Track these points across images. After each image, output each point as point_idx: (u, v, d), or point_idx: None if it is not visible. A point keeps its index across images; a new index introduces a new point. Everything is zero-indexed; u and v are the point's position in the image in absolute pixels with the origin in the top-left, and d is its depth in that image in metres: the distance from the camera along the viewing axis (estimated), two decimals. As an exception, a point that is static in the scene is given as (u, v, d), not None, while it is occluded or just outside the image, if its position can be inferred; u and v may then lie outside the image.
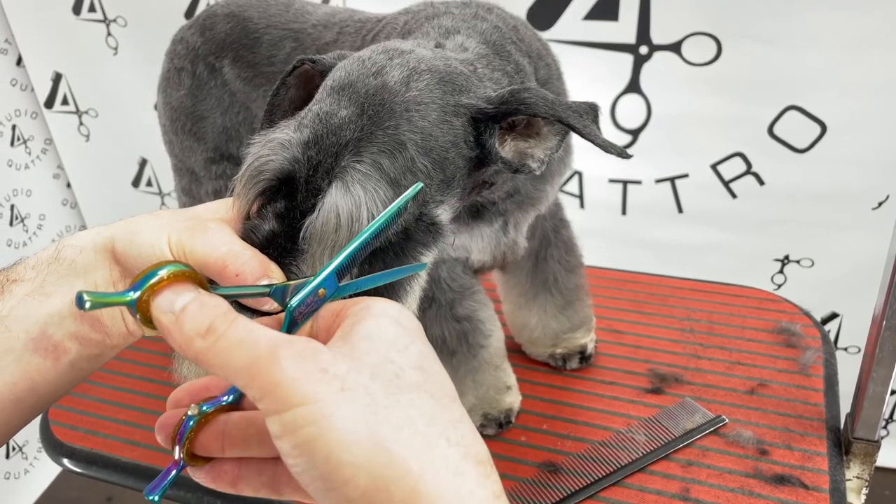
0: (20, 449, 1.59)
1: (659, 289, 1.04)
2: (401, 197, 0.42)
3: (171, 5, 1.39)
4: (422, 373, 0.34)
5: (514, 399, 0.85)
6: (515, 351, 0.93)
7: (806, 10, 1.14)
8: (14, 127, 1.57)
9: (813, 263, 1.37)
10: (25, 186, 1.61)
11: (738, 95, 1.24)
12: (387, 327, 0.34)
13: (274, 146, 0.47)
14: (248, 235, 0.44)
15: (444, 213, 0.52)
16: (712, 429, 0.80)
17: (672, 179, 1.37)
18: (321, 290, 0.38)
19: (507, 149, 0.54)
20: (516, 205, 0.72)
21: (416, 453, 0.31)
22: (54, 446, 0.89)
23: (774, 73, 1.21)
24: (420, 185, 0.44)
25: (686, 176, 1.35)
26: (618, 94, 1.31)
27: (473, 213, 0.71)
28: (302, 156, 0.46)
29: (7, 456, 1.57)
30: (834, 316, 1.43)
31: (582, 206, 1.44)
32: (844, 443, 0.77)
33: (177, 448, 0.38)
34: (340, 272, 0.39)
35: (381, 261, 0.47)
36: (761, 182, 1.32)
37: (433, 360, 0.35)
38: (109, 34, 1.48)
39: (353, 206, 0.44)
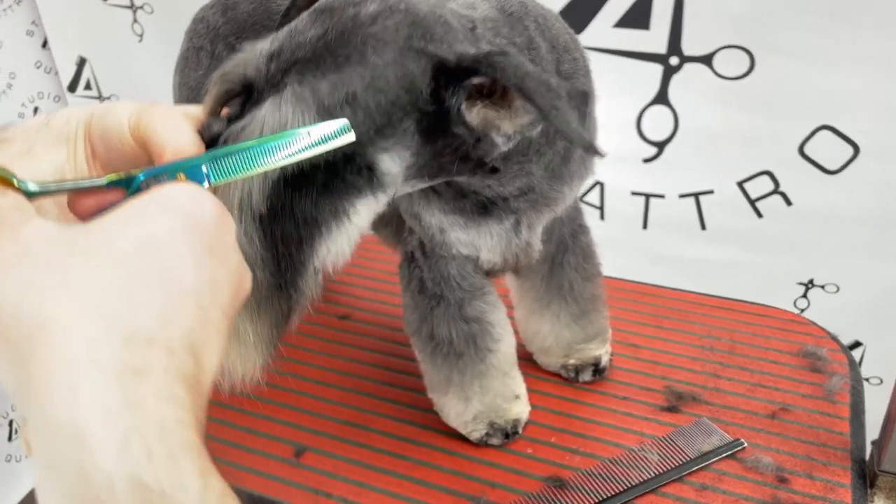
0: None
1: (679, 304, 1.00)
2: (313, 125, 0.43)
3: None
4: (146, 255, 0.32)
5: (522, 409, 0.82)
6: (526, 359, 0.90)
7: (843, 29, 1.10)
8: (36, 109, 1.57)
9: (838, 289, 1.33)
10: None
11: (770, 112, 1.21)
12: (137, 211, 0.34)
13: (248, 54, 0.48)
14: (200, 132, 0.45)
15: (386, 162, 0.50)
16: (730, 452, 0.76)
17: (696, 195, 1.33)
18: (180, 175, 0.38)
19: (473, 113, 0.51)
20: (530, 204, 0.68)
21: (43, 316, 0.29)
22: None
23: (808, 91, 1.17)
24: (344, 122, 0.43)
25: (711, 192, 1.32)
26: (645, 104, 1.28)
27: (481, 209, 0.68)
28: (263, 66, 0.47)
29: (10, 438, 1.56)
30: (857, 344, 1.38)
31: (602, 217, 1.40)
32: (869, 475, 0.74)
33: None
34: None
35: (304, 192, 0.47)
36: (789, 202, 1.28)
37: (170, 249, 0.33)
38: (136, 21, 1.48)
39: (277, 124, 0.44)
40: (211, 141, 0.45)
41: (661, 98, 1.26)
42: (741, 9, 1.13)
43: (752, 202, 1.30)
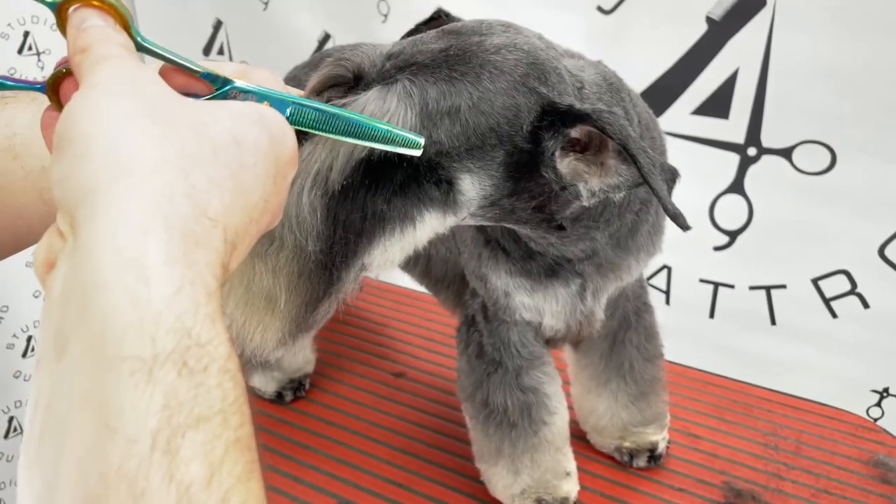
0: (21, 431, 1.61)
1: (744, 397, 0.97)
2: (403, 130, 0.44)
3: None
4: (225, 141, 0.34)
5: (572, 487, 0.79)
6: (579, 438, 0.88)
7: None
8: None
9: (917, 401, 1.25)
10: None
11: (849, 210, 1.18)
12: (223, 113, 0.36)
13: (368, 49, 0.51)
14: None
15: (467, 183, 0.51)
16: (789, 559, 0.72)
17: (768, 288, 1.30)
18: (266, 102, 0.41)
19: (565, 162, 0.52)
20: (595, 268, 0.68)
21: (131, 159, 0.30)
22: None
23: (891, 191, 1.14)
24: (422, 140, 0.44)
25: (783, 287, 1.28)
26: (719, 192, 1.27)
27: (549, 272, 0.68)
28: (379, 62, 0.50)
29: (5, 436, 1.58)
30: (936, 464, 1.29)
31: (668, 302, 1.38)
32: None
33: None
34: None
35: (381, 186, 0.48)
36: (866, 305, 1.23)
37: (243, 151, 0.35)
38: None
39: (377, 110, 0.46)
40: None
41: (737, 187, 1.25)
42: (824, 104, 1.13)
43: (827, 301, 1.26)
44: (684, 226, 0.51)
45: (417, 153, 0.45)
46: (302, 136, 0.48)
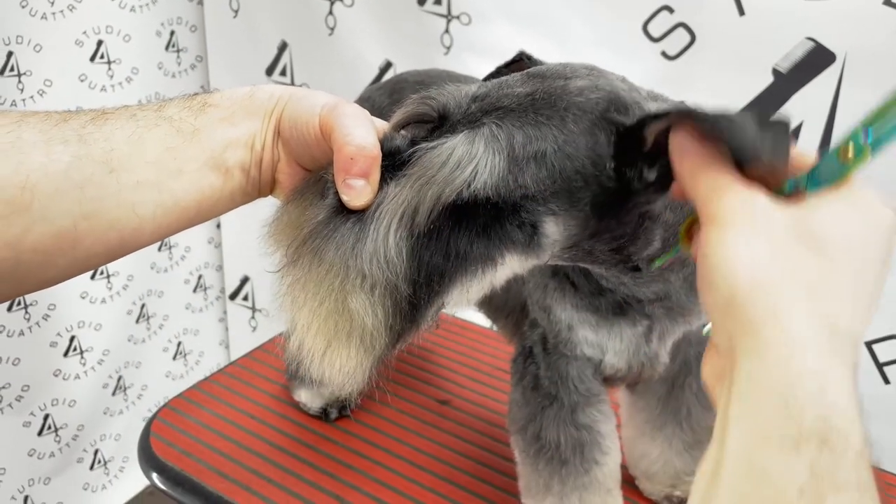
0: (105, 463, 1.62)
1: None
2: None
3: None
4: (848, 253, 0.37)
5: (619, 531, 0.77)
6: (628, 482, 0.86)
7: None
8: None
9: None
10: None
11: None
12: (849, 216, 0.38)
13: (454, 90, 0.52)
14: (381, 141, 0.49)
15: (551, 226, 0.50)
16: None
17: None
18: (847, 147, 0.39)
19: (651, 172, 0.49)
20: (665, 311, 0.67)
21: (773, 300, 0.35)
22: (148, 458, 0.89)
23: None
24: None
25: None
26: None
27: (616, 309, 0.67)
28: (465, 104, 0.50)
29: (91, 467, 1.60)
30: None
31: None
32: None
33: None
34: None
35: (465, 228, 0.48)
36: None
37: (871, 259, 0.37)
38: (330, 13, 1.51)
39: (465, 155, 0.47)
40: (388, 153, 0.49)
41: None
42: (890, 163, 1.11)
43: (880, 366, 1.23)
44: None
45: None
46: (390, 175, 0.48)
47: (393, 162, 0.49)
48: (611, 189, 0.50)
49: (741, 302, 0.36)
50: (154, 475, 0.87)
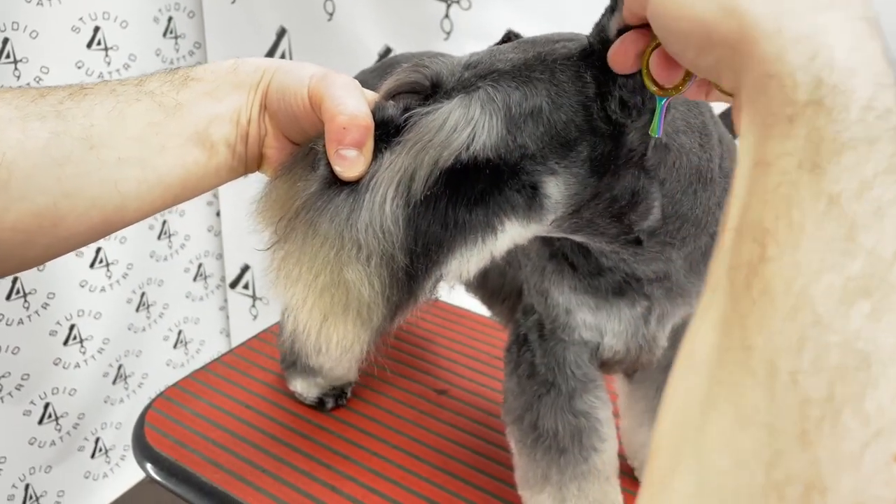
0: (106, 452, 1.62)
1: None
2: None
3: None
4: None
5: (618, 521, 0.76)
6: (626, 473, 0.85)
7: None
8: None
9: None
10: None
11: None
12: None
13: (446, 58, 0.50)
14: (373, 111, 0.48)
15: (551, 186, 0.49)
16: None
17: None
18: None
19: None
20: (664, 292, 0.66)
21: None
22: (142, 449, 0.89)
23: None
24: None
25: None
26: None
27: (616, 290, 0.66)
28: (458, 72, 0.49)
29: (92, 456, 1.60)
30: None
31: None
32: None
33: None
34: None
35: (462, 195, 0.47)
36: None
37: None
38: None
39: (462, 118, 0.46)
40: (380, 123, 0.47)
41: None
42: None
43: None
44: None
45: None
46: (383, 145, 0.47)
47: (386, 131, 0.48)
48: (605, 134, 0.49)
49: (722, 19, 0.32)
50: (148, 465, 0.86)
